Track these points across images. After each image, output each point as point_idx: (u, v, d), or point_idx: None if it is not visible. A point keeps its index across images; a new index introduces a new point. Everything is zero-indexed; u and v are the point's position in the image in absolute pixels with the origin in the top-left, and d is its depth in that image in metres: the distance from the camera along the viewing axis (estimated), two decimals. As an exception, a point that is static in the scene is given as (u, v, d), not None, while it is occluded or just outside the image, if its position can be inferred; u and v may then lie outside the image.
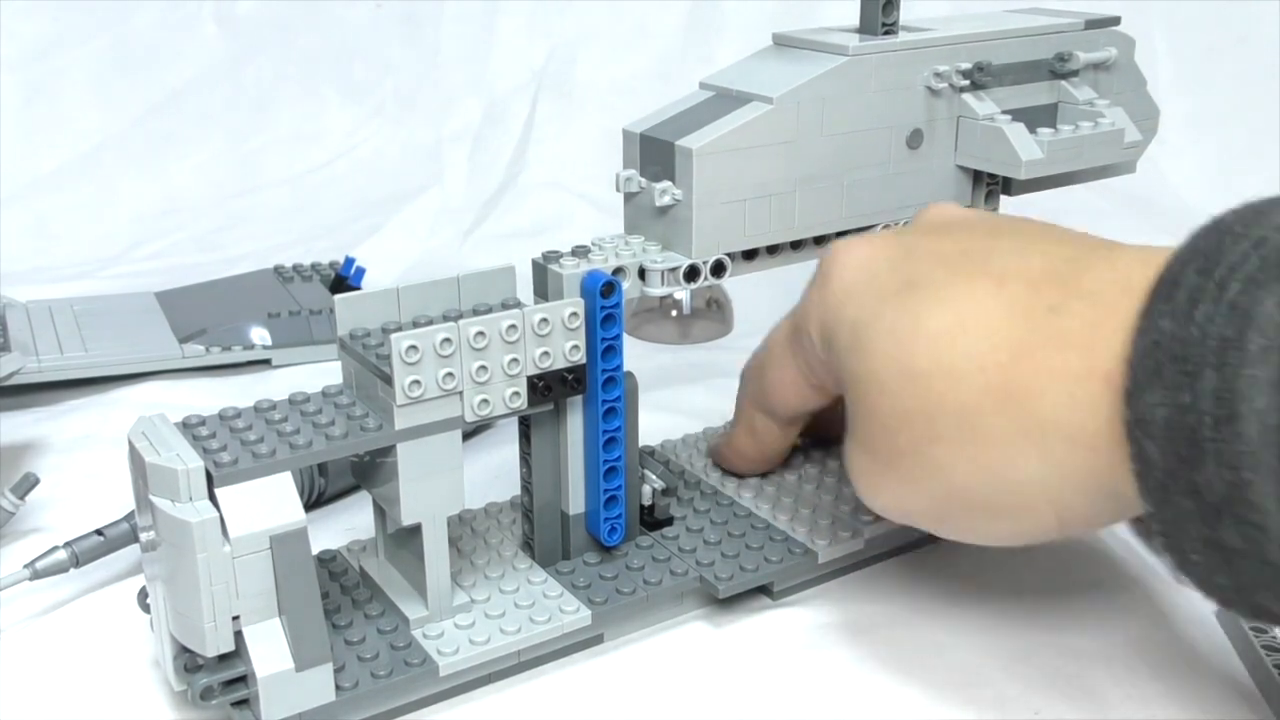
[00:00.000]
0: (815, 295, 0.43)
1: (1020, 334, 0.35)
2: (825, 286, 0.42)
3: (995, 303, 0.36)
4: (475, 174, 1.04)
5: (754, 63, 0.49)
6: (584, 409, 0.44)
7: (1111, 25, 0.53)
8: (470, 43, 1.11)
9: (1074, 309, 0.34)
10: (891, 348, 0.38)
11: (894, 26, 0.48)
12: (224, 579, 0.37)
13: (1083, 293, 0.35)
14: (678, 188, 0.44)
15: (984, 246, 0.39)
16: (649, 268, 0.44)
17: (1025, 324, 0.35)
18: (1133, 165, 0.54)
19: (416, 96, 1.10)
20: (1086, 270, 0.35)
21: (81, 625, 0.46)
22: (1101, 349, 0.33)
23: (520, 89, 1.09)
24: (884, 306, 0.39)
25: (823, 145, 0.46)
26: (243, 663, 0.38)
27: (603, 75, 1.10)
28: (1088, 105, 0.51)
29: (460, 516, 0.49)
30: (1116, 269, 0.35)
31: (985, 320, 0.36)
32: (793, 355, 0.45)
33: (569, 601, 0.44)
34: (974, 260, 0.38)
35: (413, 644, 0.41)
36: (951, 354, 0.36)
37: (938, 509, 0.38)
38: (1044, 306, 0.35)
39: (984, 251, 0.38)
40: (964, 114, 0.49)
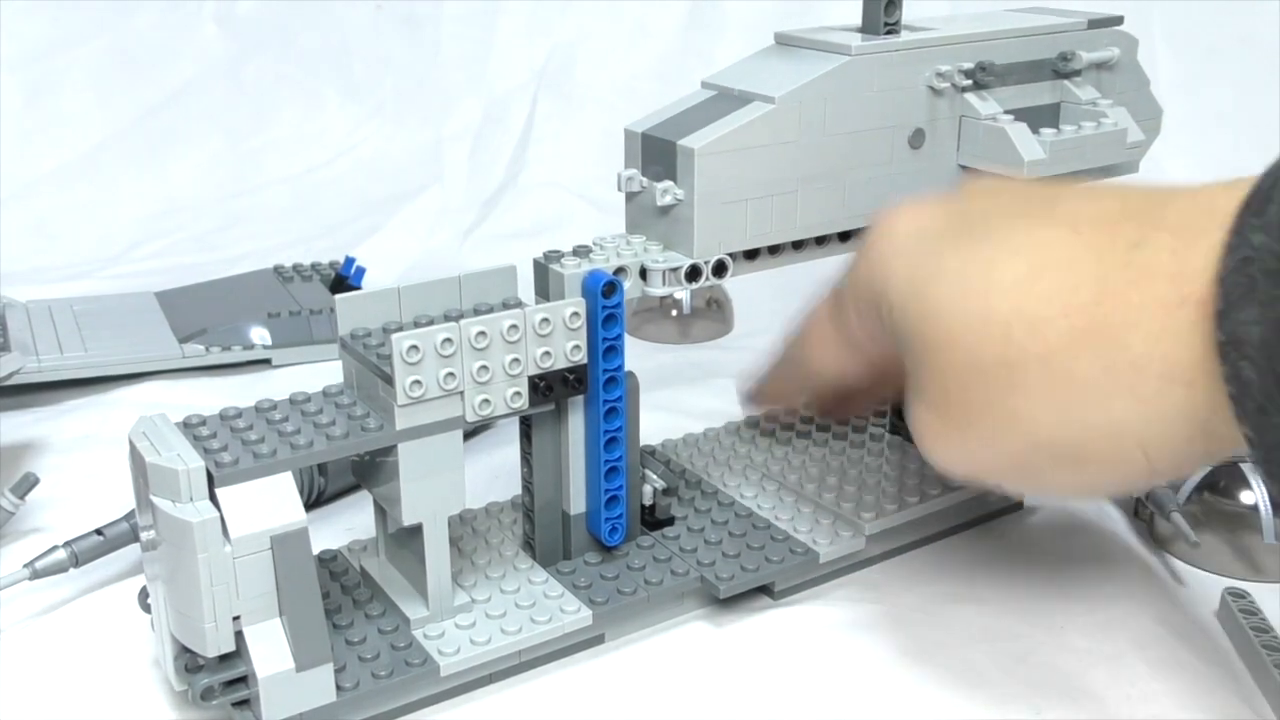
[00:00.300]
0: (861, 261, 0.41)
1: (1103, 273, 0.33)
2: (872, 250, 0.40)
3: (1072, 245, 0.34)
4: (475, 174, 1.04)
5: (756, 62, 0.49)
6: (585, 409, 0.44)
7: (1114, 25, 0.53)
8: (470, 43, 1.11)
9: (1158, 240, 0.33)
10: (961, 300, 0.36)
11: (896, 26, 0.48)
12: (225, 579, 0.37)
13: (1166, 224, 0.33)
14: (679, 187, 0.44)
15: (1046, 197, 0.37)
16: (650, 267, 0.44)
17: (1107, 262, 0.33)
18: (1136, 165, 0.54)
19: (416, 96, 1.10)
20: (1166, 204, 0.34)
21: (81, 625, 0.46)
22: (1191, 274, 0.31)
23: (520, 89, 1.09)
24: (946, 257, 0.37)
25: (825, 145, 0.46)
26: (243, 663, 0.38)
27: (603, 75, 1.10)
28: (1090, 105, 0.51)
29: (461, 516, 0.49)
30: (1198, 199, 0.33)
31: (1064, 263, 0.34)
32: (835, 327, 0.44)
33: (570, 601, 0.44)
34: (1039, 209, 0.37)
35: (413, 644, 0.41)
36: (1031, 299, 0.34)
37: (1020, 463, 0.36)
38: (1125, 243, 0.33)
39: (1048, 200, 0.37)
40: (966, 114, 0.49)
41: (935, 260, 0.37)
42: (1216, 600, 0.47)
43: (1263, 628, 0.44)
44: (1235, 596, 0.46)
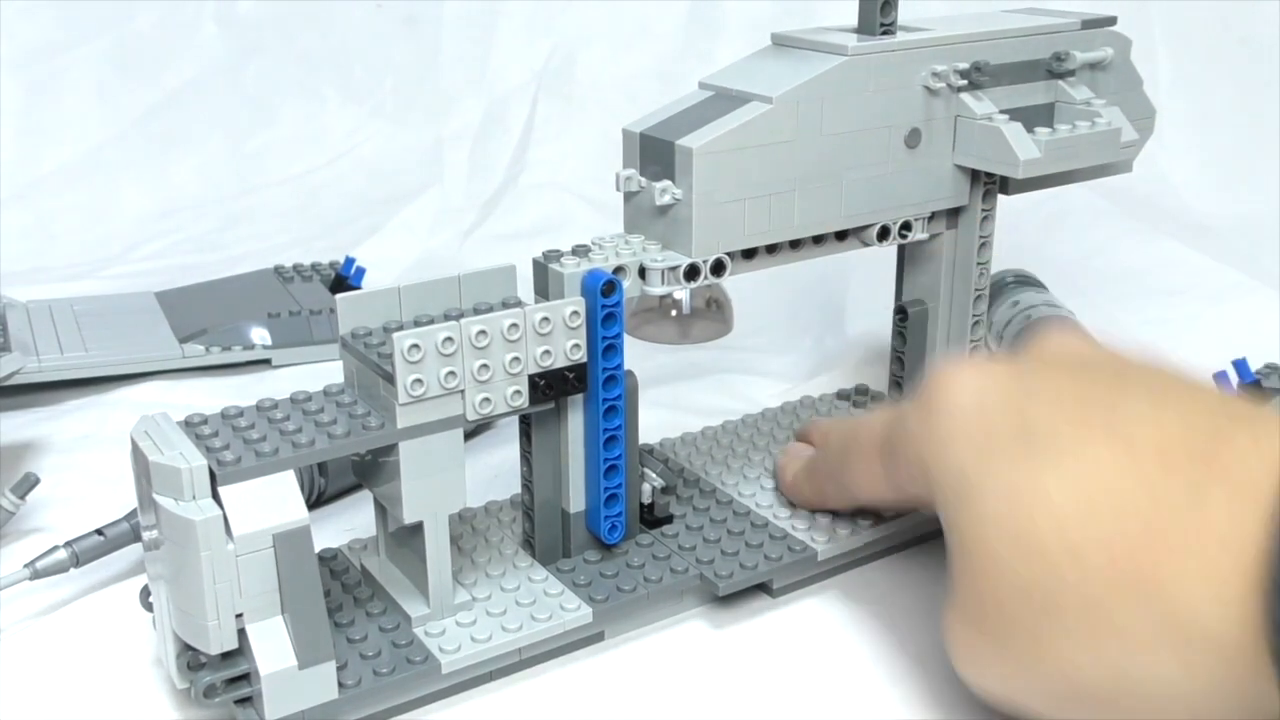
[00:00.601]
0: (917, 425, 0.39)
1: (1155, 516, 0.32)
2: (928, 419, 0.38)
3: (1126, 474, 0.33)
4: (475, 174, 1.04)
5: (753, 62, 0.49)
6: (585, 407, 0.44)
7: (1108, 25, 0.53)
8: (470, 43, 1.11)
9: (1216, 496, 0.31)
10: (1007, 513, 0.34)
11: (892, 26, 0.48)
12: (227, 577, 0.37)
13: (1225, 474, 0.32)
14: (677, 187, 0.44)
15: (1110, 396, 0.35)
16: (649, 267, 0.44)
17: (1160, 505, 0.32)
18: (1129, 164, 0.54)
19: (416, 96, 1.10)
20: (1226, 442, 0.32)
21: (82, 625, 0.46)
22: (1245, 542, 0.30)
23: (520, 89, 1.10)
24: (998, 460, 0.35)
25: (822, 145, 0.46)
26: (246, 661, 0.38)
27: (603, 75, 1.10)
28: (1084, 105, 0.51)
29: (461, 515, 0.49)
30: (1260, 444, 0.32)
31: (1116, 497, 0.33)
32: (884, 465, 0.43)
33: (570, 599, 0.44)
34: (1099, 413, 0.35)
35: (414, 642, 0.42)
36: (1078, 533, 0.33)
37: (1054, 700, 0.35)
38: (1182, 485, 0.32)
39: (1110, 403, 0.35)
40: (962, 113, 0.49)
41: (988, 457, 0.36)
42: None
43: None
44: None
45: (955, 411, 0.38)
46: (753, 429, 0.57)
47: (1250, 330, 0.71)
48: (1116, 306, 0.77)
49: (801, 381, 0.68)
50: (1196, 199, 0.96)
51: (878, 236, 0.50)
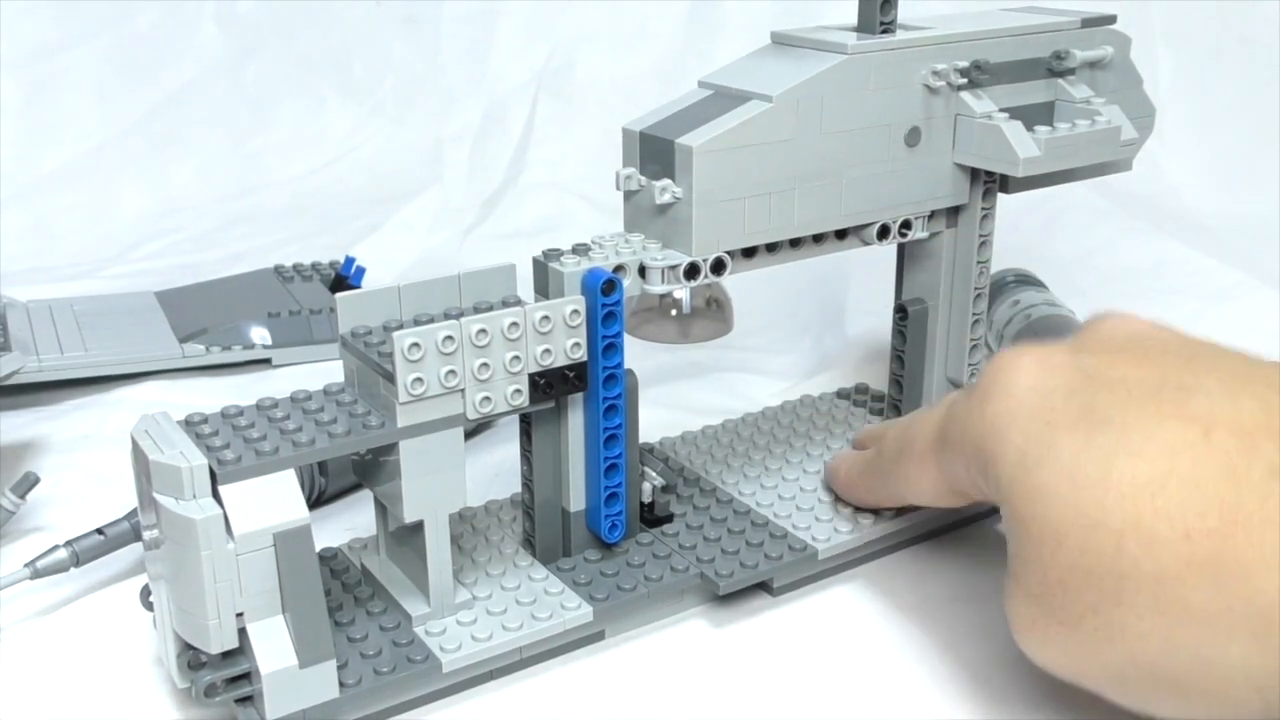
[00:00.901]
0: (973, 410, 0.38)
1: (1234, 497, 0.31)
2: (985, 403, 0.37)
3: (1202, 456, 0.32)
4: (475, 174, 1.04)
5: (753, 61, 0.49)
6: (585, 406, 0.44)
7: (1108, 24, 0.53)
8: (470, 43, 1.11)
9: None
10: (1072, 494, 0.33)
11: (892, 25, 0.48)
12: (228, 576, 0.37)
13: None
14: (677, 186, 0.44)
15: (1181, 379, 0.34)
16: (649, 265, 0.44)
17: (1240, 485, 0.31)
18: (1129, 163, 0.54)
19: (416, 96, 1.10)
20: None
21: (83, 624, 0.46)
22: None
23: (520, 89, 1.10)
24: (1061, 438, 0.35)
25: (822, 143, 0.46)
26: (246, 660, 0.38)
27: (603, 75, 1.10)
28: (1084, 103, 0.51)
29: (461, 514, 0.49)
30: None
31: (1191, 477, 0.32)
32: (937, 461, 0.42)
33: (570, 598, 0.44)
34: (1171, 397, 0.34)
35: (415, 641, 0.42)
36: (1150, 513, 0.32)
37: (1121, 678, 0.34)
38: (1264, 467, 0.31)
39: (1183, 386, 0.34)
40: (962, 112, 0.49)
41: (1049, 434, 0.35)
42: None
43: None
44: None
45: (1015, 393, 0.37)
46: (753, 428, 0.57)
47: (1250, 330, 0.71)
48: (1116, 306, 0.77)
49: (802, 380, 0.68)
50: (1196, 199, 0.96)
51: (878, 235, 0.50)
